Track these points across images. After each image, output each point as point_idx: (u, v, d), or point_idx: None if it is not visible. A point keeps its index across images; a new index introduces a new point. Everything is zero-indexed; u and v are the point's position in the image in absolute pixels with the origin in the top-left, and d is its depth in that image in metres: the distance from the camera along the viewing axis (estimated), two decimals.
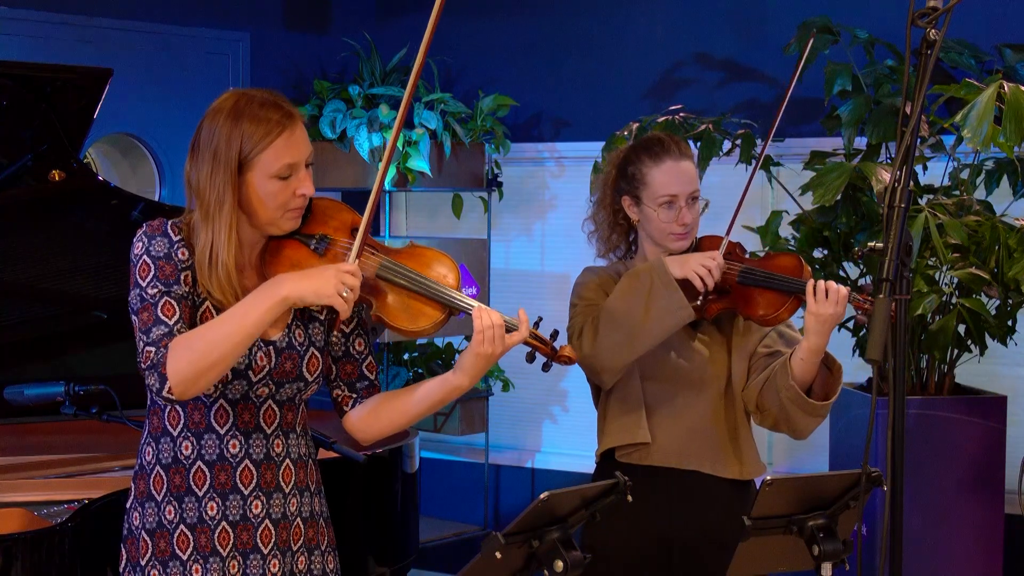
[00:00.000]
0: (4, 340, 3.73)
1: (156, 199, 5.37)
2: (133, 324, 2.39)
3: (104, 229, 3.80)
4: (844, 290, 2.88)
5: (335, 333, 2.57)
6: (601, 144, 4.84)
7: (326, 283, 2.33)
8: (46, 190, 3.58)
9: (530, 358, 2.56)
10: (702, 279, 2.94)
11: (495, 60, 5.91)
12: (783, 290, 2.97)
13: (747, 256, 3.12)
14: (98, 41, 5.18)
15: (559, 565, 2.25)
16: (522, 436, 6.02)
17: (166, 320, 2.35)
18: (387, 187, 5.60)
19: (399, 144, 5.49)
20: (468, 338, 5.79)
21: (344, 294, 2.33)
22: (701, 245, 3.11)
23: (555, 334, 2.57)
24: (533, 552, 2.27)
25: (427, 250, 2.53)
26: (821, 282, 2.89)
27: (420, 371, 5.75)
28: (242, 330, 2.31)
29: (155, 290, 2.36)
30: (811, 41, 3.44)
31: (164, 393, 2.30)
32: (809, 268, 3.04)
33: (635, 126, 4.73)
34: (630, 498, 2.38)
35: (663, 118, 4.72)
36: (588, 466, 3.16)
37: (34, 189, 3.58)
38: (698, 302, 2.96)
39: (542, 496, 2.21)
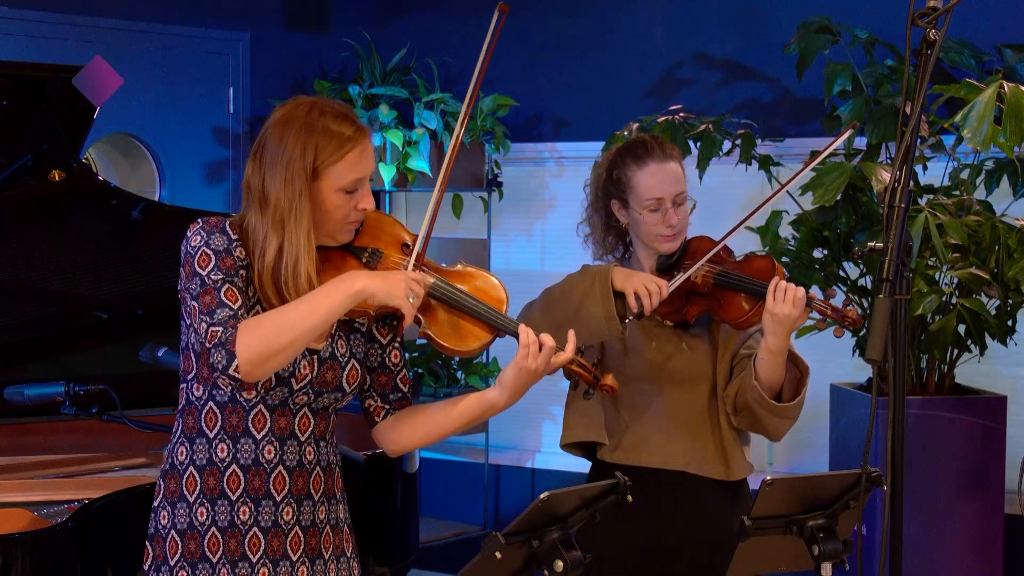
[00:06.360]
0: (4, 340, 3.73)
1: (156, 199, 5.37)
2: (191, 309, 2.37)
3: (104, 229, 3.79)
4: (800, 292, 2.83)
5: (373, 345, 2.58)
6: (601, 144, 4.83)
7: (397, 285, 2.38)
8: (46, 190, 3.58)
9: (573, 384, 2.59)
10: (639, 300, 2.89)
11: (495, 60, 5.85)
12: (753, 293, 2.93)
13: (732, 258, 3.09)
14: (98, 41, 5.18)
15: (559, 565, 2.25)
16: (522, 436, 6.02)
17: (230, 304, 2.35)
18: (387, 187, 5.60)
19: (399, 144, 5.49)
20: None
21: (411, 300, 2.38)
22: (691, 246, 3.07)
23: (598, 362, 2.60)
24: (533, 552, 2.27)
25: (477, 270, 2.60)
26: (782, 282, 2.86)
27: (419, 370, 5.74)
28: (316, 315, 2.33)
29: (218, 277, 2.37)
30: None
31: (230, 371, 2.29)
32: (783, 270, 2.98)
33: (635, 126, 4.73)
34: (630, 498, 2.38)
35: (663, 118, 4.71)
36: (588, 466, 3.16)
37: (34, 189, 3.58)
38: (627, 320, 2.89)
39: (542, 496, 2.21)
